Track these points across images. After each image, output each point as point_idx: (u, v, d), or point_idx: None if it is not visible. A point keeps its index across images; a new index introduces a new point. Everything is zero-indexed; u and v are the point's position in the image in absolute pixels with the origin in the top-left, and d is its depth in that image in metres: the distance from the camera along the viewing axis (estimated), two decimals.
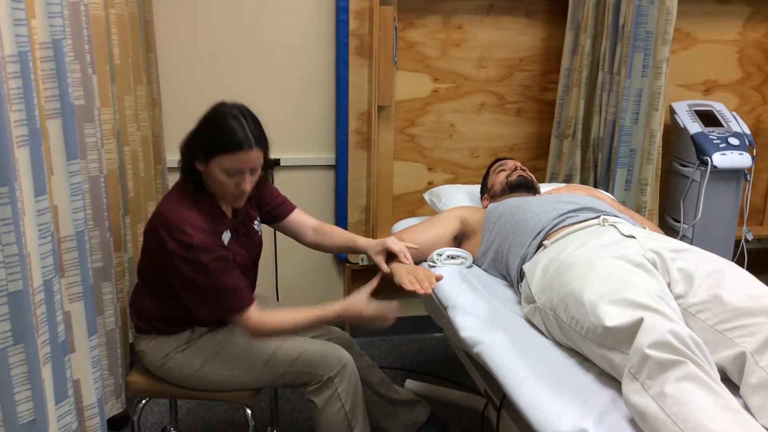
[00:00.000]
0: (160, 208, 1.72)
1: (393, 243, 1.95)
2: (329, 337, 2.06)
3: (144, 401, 1.89)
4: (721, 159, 2.65)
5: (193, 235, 1.63)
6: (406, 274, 1.83)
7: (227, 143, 1.62)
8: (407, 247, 1.96)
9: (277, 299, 2.84)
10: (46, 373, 1.26)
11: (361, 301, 1.77)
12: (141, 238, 2.21)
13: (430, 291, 1.74)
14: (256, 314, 1.70)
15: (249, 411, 1.85)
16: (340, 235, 2.05)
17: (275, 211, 2.00)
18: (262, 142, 1.68)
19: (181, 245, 1.62)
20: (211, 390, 1.82)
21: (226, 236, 1.76)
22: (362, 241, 2.02)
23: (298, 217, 2.04)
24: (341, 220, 2.81)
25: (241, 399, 1.84)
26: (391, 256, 1.96)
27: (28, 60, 1.16)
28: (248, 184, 1.69)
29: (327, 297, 2.99)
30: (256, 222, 1.92)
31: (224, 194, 1.71)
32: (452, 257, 2.04)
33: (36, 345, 1.19)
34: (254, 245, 1.90)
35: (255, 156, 1.66)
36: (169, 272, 1.69)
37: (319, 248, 2.09)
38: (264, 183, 1.96)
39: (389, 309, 1.78)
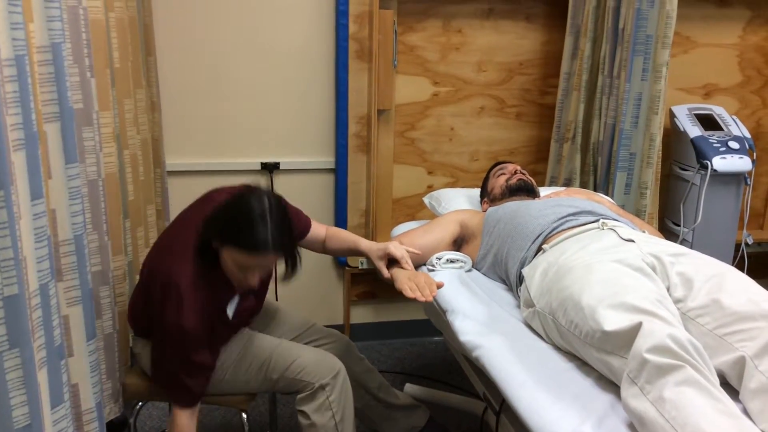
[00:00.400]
0: (173, 265, 1.63)
1: (395, 248, 1.93)
2: (328, 340, 2.06)
3: (141, 404, 1.89)
4: (721, 163, 2.65)
5: (190, 318, 1.58)
6: (407, 281, 1.81)
7: (244, 241, 1.53)
8: (408, 252, 1.95)
9: (276, 299, 2.84)
10: (42, 377, 1.26)
11: None
12: (141, 242, 2.22)
13: (431, 299, 1.73)
14: (185, 419, 1.67)
15: (244, 415, 1.85)
16: (344, 239, 2.04)
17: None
18: (283, 246, 1.58)
19: (176, 318, 1.58)
20: (207, 394, 1.82)
21: (234, 302, 1.74)
22: (364, 244, 2.00)
23: (313, 232, 2.02)
24: (341, 223, 2.80)
25: (237, 404, 1.84)
26: (392, 261, 1.96)
27: (25, 64, 1.16)
28: (256, 279, 1.64)
29: (326, 300, 2.99)
30: None
31: (231, 278, 1.66)
32: (451, 261, 2.04)
33: (32, 349, 1.18)
34: (264, 288, 1.91)
35: (270, 259, 1.59)
36: (155, 327, 1.66)
37: (326, 253, 2.09)
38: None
39: None
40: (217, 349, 1.75)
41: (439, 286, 1.79)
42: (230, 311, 1.74)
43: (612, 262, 1.57)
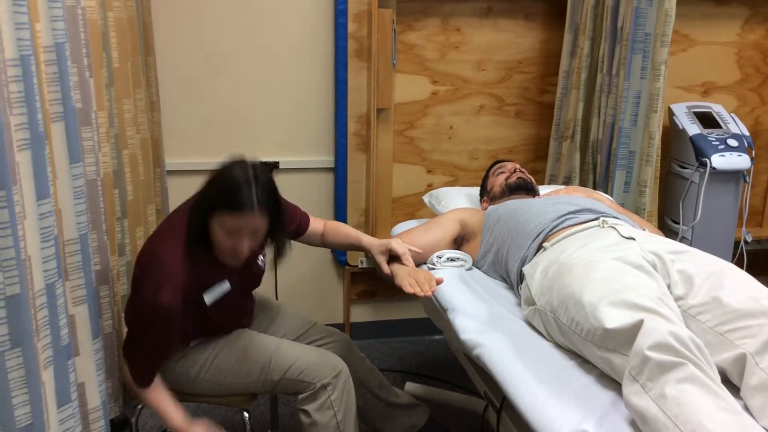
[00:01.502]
0: (157, 244, 1.67)
1: (397, 245, 1.95)
2: (329, 339, 2.06)
3: (142, 404, 1.89)
4: (720, 160, 2.66)
5: (168, 294, 1.57)
6: (406, 277, 1.83)
7: (231, 203, 1.57)
8: (410, 250, 1.96)
9: (276, 298, 2.84)
10: (48, 376, 1.26)
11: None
12: (140, 241, 2.21)
13: (430, 294, 1.74)
14: (151, 394, 1.70)
15: (246, 415, 1.85)
16: (345, 234, 2.05)
17: (292, 232, 2.00)
18: (269, 208, 1.61)
19: (153, 293, 1.58)
20: (208, 395, 1.82)
21: (221, 288, 1.73)
22: (366, 240, 2.01)
23: (312, 228, 2.04)
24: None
25: (239, 403, 1.85)
26: (392, 258, 1.96)
27: (30, 63, 1.16)
28: (246, 247, 1.64)
29: (326, 299, 2.99)
30: (260, 257, 1.90)
31: (220, 251, 1.67)
32: (452, 259, 2.04)
33: (35, 349, 1.18)
34: (252, 279, 1.89)
35: (257, 220, 1.60)
36: (131, 296, 1.67)
37: (326, 247, 2.11)
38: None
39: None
40: (187, 334, 1.75)
41: (439, 282, 1.80)
42: (209, 298, 1.72)
43: (613, 259, 1.58)
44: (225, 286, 1.75)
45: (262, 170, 1.62)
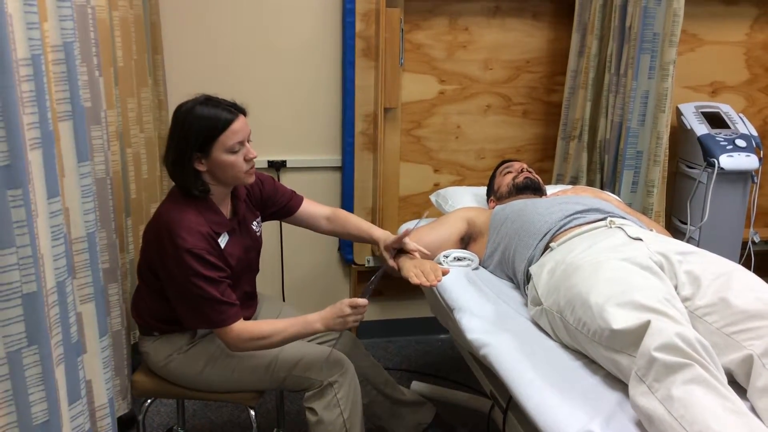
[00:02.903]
0: (159, 209, 1.73)
1: (407, 241, 1.94)
2: (333, 338, 2.07)
3: (149, 401, 1.90)
4: (728, 161, 2.65)
5: (188, 239, 1.62)
6: (412, 268, 1.82)
7: (217, 125, 1.65)
8: (420, 252, 1.94)
9: (283, 299, 2.85)
10: (60, 374, 1.27)
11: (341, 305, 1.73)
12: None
13: (436, 284, 1.74)
14: (237, 326, 1.67)
15: (252, 412, 1.86)
16: (356, 225, 2.05)
17: (284, 208, 2.01)
18: (241, 109, 1.72)
19: (176, 248, 1.62)
20: (214, 391, 1.83)
21: (224, 239, 1.76)
22: (378, 233, 2.02)
23: (309, 209, 2.05)
24: None
25: (245, 400, 1.85)
26: (398, 253, 1.97)
27: (41, 63, 1.17)
28: (252, 151, 1.72)
29: (332, 298, 2.97)
30: (255, 222, 1.92)
31: (237, 175, 1.71)
32: (459, 259, 2.04)
33: (50, 346, 1.19)
34: (252, 245, 1.90)
35: (244, 122, 1.69)
36: (162, 273, 1.69)
37: (335, 235, 2.13)
38: (269, 183, 1.96)
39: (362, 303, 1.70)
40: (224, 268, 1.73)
41: (445, 273, 1.79)
42: (222, 242, 1.75)
43: (620, 260, 1.58)
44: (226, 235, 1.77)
45: (205, 95, 1.72)
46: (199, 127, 1.65)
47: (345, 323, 1.69)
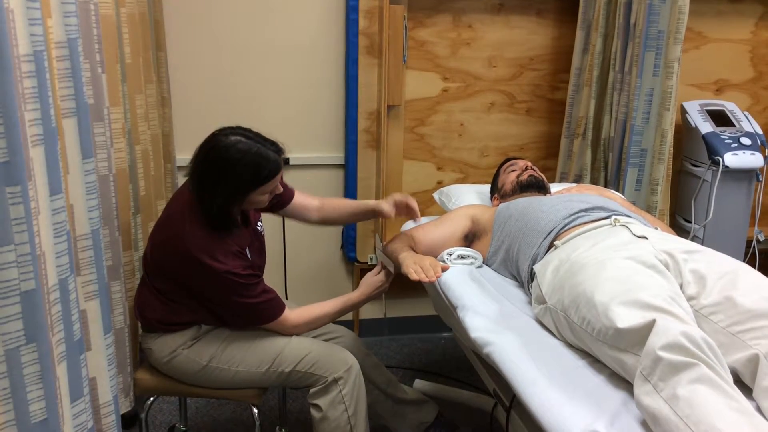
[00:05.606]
0: (174, 219, 1.73)
1: (400, 195, 2.03)
2: (335, 335, 2.06)
3: (152, 399, 1.90)
4: (732, 159, 2.64)
5: (227, 263, 1.67)
6: (412, 264, 1.81)
7: (263, 177, 1.67)
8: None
9: (286, 297, 2.85)
10: (61, 371, 1.27)
11: (375, 276, 1.92)
12: None
13: (435, 279, 1.74)
14: (291, 315, 1.80)
15: (255, 410, 1.86)
16: (347, 204, 2.12)
17: (278, 202, 2.02)
18: (278, 149, 1.73)
19: (214, 272, 1.66)
20: (218, 387, 1.83)
21: (247, 251, 1.80)
22: (373, 202, 2.09)
23: (300, 201, 2.07)
24: None
25: (248, 398, 1.85)
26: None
27: (43, 59, 1.17)
28: (280, 186, 1.78)
29: (335, 295, 2.97)
30: (259, 223, 1.94)
31: (258, 206, 1.78)
32: (462, 257, 2.04)
33: (49, 344, 1.19)
34: (261, 247, 1.93)
35: (281, 167, 1.73)
36: (195, 290, 1.73)
37: (328, 224, 2.17)
38: None
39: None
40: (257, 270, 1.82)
41: (444, 269, 1.78)
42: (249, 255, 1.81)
43: (625, 259, 1.57)
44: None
45: (244, 129, 1.71)
46: (246, 175, 1.66)
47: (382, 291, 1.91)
